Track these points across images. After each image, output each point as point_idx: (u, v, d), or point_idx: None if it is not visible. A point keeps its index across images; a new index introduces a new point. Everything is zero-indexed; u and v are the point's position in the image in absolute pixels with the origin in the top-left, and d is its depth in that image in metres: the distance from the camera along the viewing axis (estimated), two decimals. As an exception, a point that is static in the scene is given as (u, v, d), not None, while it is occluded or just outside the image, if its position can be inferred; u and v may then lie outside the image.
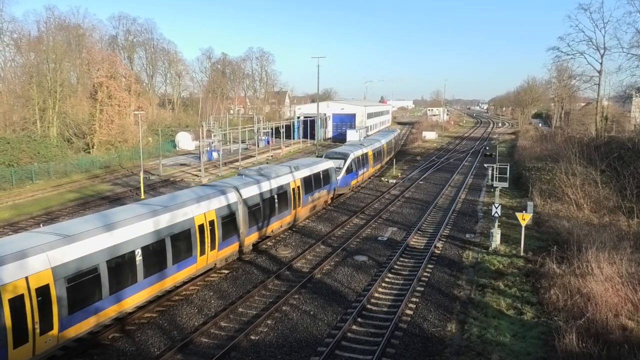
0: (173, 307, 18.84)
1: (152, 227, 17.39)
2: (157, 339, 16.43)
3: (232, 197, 22.87)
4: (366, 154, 44.99)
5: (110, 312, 15.87)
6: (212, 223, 20.92)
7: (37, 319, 13.22)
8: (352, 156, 39.65)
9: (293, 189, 28.67)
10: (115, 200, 38.34)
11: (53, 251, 13.97)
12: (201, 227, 20.19)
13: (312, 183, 31.48)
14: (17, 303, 12.72)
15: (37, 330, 13.26)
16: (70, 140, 60.88)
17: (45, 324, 13.51)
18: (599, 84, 59.58)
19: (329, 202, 35.90)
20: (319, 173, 32.97)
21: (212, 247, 21.06)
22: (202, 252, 20.37)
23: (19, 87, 62.94)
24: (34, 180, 45.85)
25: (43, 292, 13.38)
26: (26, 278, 13.00)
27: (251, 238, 24.53)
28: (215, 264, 21.97)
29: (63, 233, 15.03)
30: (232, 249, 22.83)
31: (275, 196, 26.49)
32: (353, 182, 40.66)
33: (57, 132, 60.54)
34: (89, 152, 59.73)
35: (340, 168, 37.41)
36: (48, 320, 13.58)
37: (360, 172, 42.40)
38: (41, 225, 20.63)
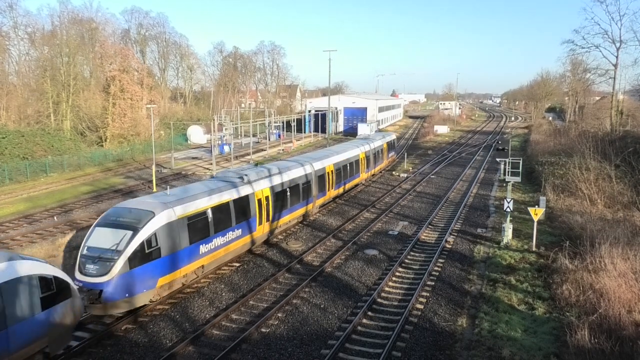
0: (185, 299, 19.02)
1: None
2: (170, 331, 16.61)
3: None
4: (244, 199, 23.05)
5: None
6: None
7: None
8: (168, 215, 18.35)
9: None
10: (128, 193, 38.68)
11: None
12: None
13: None
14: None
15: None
16: (84, 133, 61.49)
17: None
18: (614, 78, 58.85)
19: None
20: None
21: None
22: None
23: (33, 81, 63.62)
24: (48, 173, 46.42)
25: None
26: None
27: None
28: None
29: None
30: None
31: None
32: (172, 276, 18.54)
33: (70, 125, 61.20)
34: (102, 146, 60.30)
35: (116, 252, 16.71)
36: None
37: (209, 244, 20.52)
38: (55, 218, 20.97)
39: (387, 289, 20.05)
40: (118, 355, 15.05)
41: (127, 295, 16.73)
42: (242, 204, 23.02)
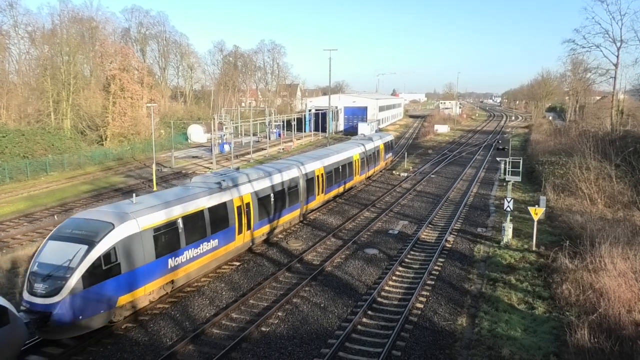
0: (185, 298, 19.04)
1: None
2: (170, 330, 16.62)
3: None
4: (221, 207, 21.23)
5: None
6: None
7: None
8: (130, 226, 16.58)
9: None
10: (129, 192, 38.67)
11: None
12: None
13: None
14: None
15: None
16: (84, 132, 61.55)
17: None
18: (614, 77, 58.98)
19: None
20: None
21: None
22: None
23: (34, 80, 63.67)
24: (48, 172, 46.45)
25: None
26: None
27: None
28: None
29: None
30: None
31: None
32: (134, 294, 16.88)
33: (70, 124, 61.24)
34: (102, 144, 60.35)
35: (69, 269, 15.01)
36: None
37: (180, 258, 18.74)
38: (56, 217, 20.97)
39: (387, 288, 20.06)
40: (118, 354, 15.07)
41: (80, 317, 14.87)
42: (219, 212, 21.09)
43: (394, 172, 49.11)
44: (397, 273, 21.67)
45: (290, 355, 15.00)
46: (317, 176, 30.84)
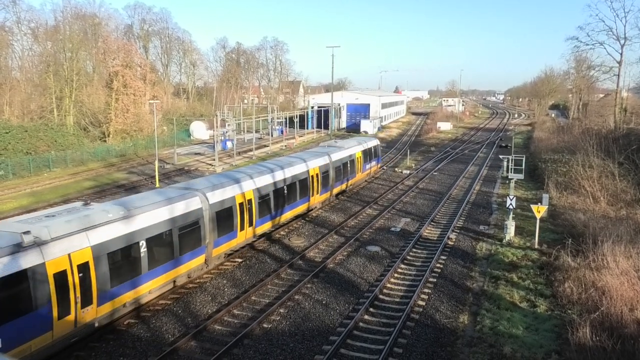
0: (187, 294, 19.08)
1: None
2: (172, 326, 16.67)
3: None
4: (15, 280, 12.58)
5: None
6: None
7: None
8: None
9: None
10: (131, 189, 38.74)
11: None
12: None
13: None
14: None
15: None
16: (87, 128, 61.59)
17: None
18: (618, 75, 58.73)
19: None
20: None
21: None
22: None
23: (37, 76, 63.72)
24: (51, 168, 46.52)
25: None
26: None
27: None
28: None
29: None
30: None
31: None
32: None
33: (73, 120, 61.23)
34: (105, 141, 60.38)
35: None
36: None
37: None
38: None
39: (389, 285, 20.07)
40: (120, 349, 15.13)
41: None
42: (13, 287, 12.65)
43: (396, 169, 49.10)
44: (399, 270, 21.67)
45: (292, 352, 15.04)
46: (240, 204, 22.42)
